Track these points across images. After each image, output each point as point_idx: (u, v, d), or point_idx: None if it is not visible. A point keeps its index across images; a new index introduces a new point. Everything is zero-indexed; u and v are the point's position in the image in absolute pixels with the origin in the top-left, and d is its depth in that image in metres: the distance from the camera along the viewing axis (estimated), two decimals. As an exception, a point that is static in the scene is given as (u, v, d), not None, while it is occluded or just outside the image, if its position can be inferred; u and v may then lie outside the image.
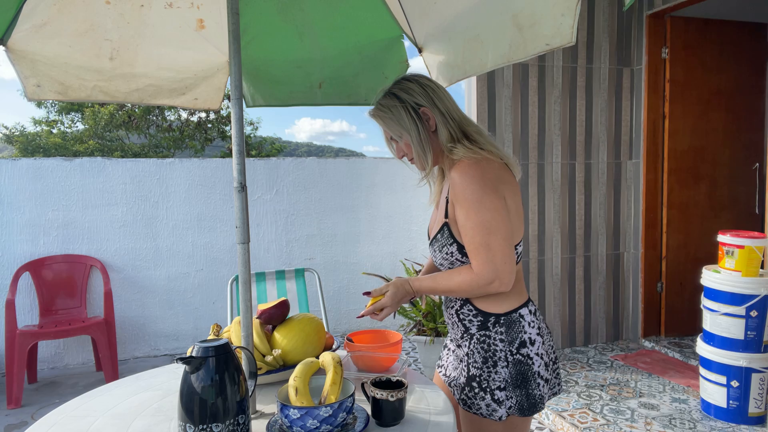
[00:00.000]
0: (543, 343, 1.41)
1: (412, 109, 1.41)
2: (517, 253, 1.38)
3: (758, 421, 2.79)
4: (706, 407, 2.93)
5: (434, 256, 1.45)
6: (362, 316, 1.45)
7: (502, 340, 1.37)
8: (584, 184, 4.08)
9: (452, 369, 1.50)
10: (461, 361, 1.43)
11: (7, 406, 3.35)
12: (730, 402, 2.80)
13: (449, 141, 1.41)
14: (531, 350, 1.38)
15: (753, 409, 2.77)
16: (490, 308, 1.39)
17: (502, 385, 1.36)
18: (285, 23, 1.95)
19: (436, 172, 1.54)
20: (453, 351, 1.52)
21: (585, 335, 4.16)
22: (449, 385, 1.49)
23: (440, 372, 1.59)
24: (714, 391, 2.86)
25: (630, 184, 4.19)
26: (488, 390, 1.36)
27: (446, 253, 1.40)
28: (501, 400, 1.35)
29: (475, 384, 1.37)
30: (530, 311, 1.42)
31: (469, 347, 1.40)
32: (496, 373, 1.36)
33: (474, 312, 1.40)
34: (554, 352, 1.47)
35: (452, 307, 1.46)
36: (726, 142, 4.15)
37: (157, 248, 4.25)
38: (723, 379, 2.80)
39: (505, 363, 1.36)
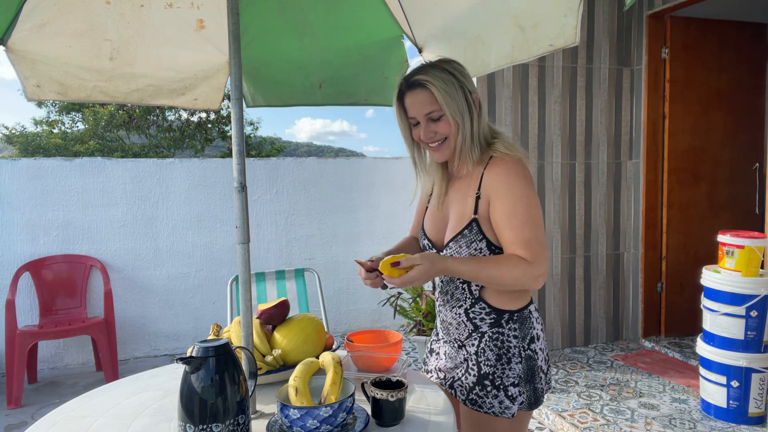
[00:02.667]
0: (543, 339, 1.45)
1: (469, 92, 1.36)
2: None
3: (758, 421, 2.78)
4: (706, 407, 2.93)
5: (456, 253, 1.39)
6: (385, 287, 1.35)
7: (515, 336, 1.38)
8: (584, 184, 4.08)
9: (451, 370, 1.47)
10: (466, 360, 1.41)
11: (7, 406, 3.35)
12: (730, 402, 2.80)
13: (489, 136, 1.39)
14: (537, 345, 1.41)
15: (753, 409, 2.77)
16: (505, 305, 1.39)
17: (516, 381, 1.36)
18: (285, 23, 1.95)
19: (439, 170, 1.48)
20: (447, 353, 1.49)
21: (585, 335, 4.16)
22: (449, 387, 1.47)
23: (430, 376, 1.56)
24: (714, 391, 2.86)
25: (630, 184, 4.19)
26: (502, 387, 1.36)
27: (474, 249, 1.36)
28: (514, 396, 1.36)
29: (487, 382, 1.36)
30: (535, 308, 1.46)
31: (479, 346, 1.39)
32: (510, 369, 1.36)
33: (487, 310, 1.39)
34: (547, 348, 1.53)
35: (460, 306, 1.43)
36: (726, 142, 4.15)
37: (157, 248, 4.25)
38: (723, 379, 2.80)
39: (519, 359, 1.37)
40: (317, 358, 1.30)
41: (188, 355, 1.09)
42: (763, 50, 4.19)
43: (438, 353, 1.55)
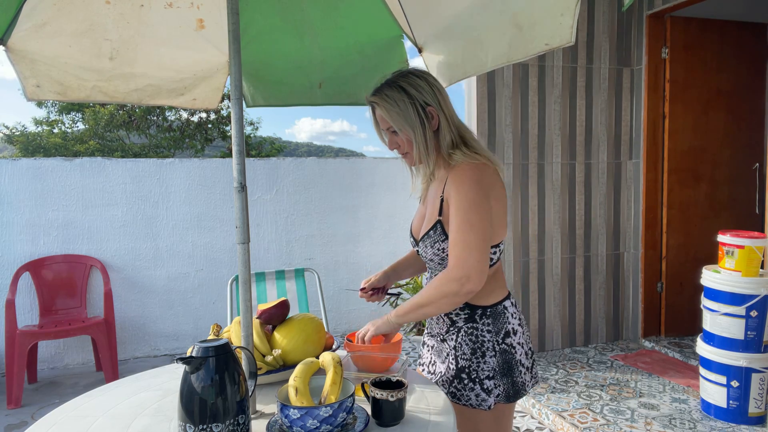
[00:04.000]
0: (523, 333, 1.51)
1: (420, 107, 1.43)
2: (499, 250, 1.47)
3: (758, 421, 2.78)
4: (706, 407, 2.93)
5: (424, 252, 1.50)
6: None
7: (489, 331, 1.45)
8: (584, 184, 4.08)
9: (437, 365, 1.53)
10: (447, 355, 1.48)
11: (7, 406, 3.35)
12: (730, 402, 2.80)
13: (450, 145, 1.45)
14: (514, 340, 1.47)
15: (753, 409, 2.77)
16: (477, 301, 1.45)
17: (491, 374, 1.43)
18: (285, 23, 1.95)
19: (423, 169, 1.55)
20: (433, 347, 1.56)
21: (585, 335, 4.16)
22: (435, 382, 1.52)
23: (422, 370, 1.62)
24: (714, 391, 2.86)
25: (630, 184, 4.19)
26: (477, 380, 1.43)
27: (438, 249, 1.44)
28: (490, 389, 1.43)
29: (464, 375, 1.43)
30: (512, 303, 1.51)
31: (456, 340, 1.46)
32: (484, 362, 1.43)
33: (461, 305, 1.46)
34: (530, 343, 1.55)
35: None
36: (726, 142, 4.15)
37: (157, 248, 4.25)
38: (723, 379, 2.80)
39: (493, 352, 1.44)
40: (317, 358, 1.30)
41: (188, 355, 1.09)
42: (763, 50, 4.19)
43: (429, 346, 1.62)
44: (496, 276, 1.50)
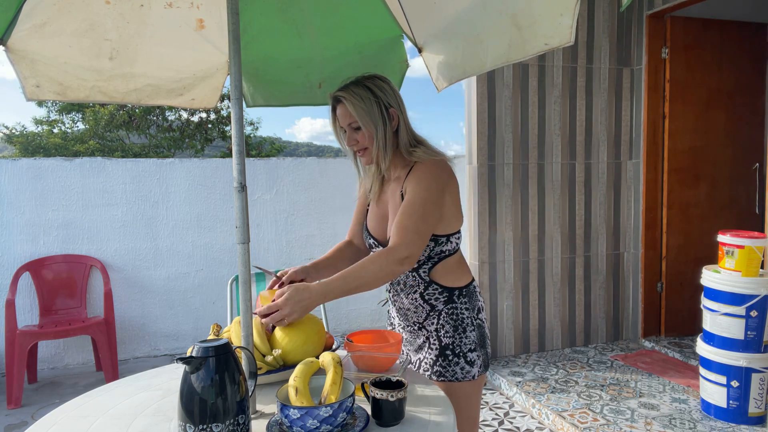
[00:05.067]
0: (485, 310, 1.69)
1: (384, 107, 1.54)
2: (458, 238, 1.61)
3: (758, 421, 2.78)
4: (706, 407, 2.93)
5: None
6: (256, 313, 1.44)
7: (467, 308, 1.59)
8: (584, 184, 4.08)
9: (415, 353, 1.63)
10: (427, 338, 1.59)
11: (7, 406, 3.35)
12: (730, 402, 2.80)
13: (408, 144, 1.59)
14: (483, 315, 1.65)
15: (753, 409, 2.77)
16: (454, 284, 1.59)
17: (472, 347, 1.57)
18: (285, 23, 1.95)
19: (373, 171, 1.65)
20: (407, 339, 1.66)
21: (585, 335, 4.16)
22: (416, 369, 1.62)
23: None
24: (714, 391, 2.86)
25: (630, 184, 4.18)
26: (461, 354, 1.56)
27: None
28: (473, 360, 1.57)
29: (449, 352, 1.56)
30: (477, 284, 1.71)
31: (437, 323, 1.58)
32: (466, 337, 1.57)
33: (440, 290, 1.58)
34: None
35: (415, 291, 1.59)
36: (726, 142, 4.15)
37: (157, 248, 4.25)
38: (723, 379, 2.80)
39: (472, 327, 1.59)
40: (317, 358, 1.30)
41: (188, 355, 1.09)
42: (763, 50, 4.19)
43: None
44: (461, 261, 1.65)
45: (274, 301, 1.41)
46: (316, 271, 1.73)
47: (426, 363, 1.59)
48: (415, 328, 1.63)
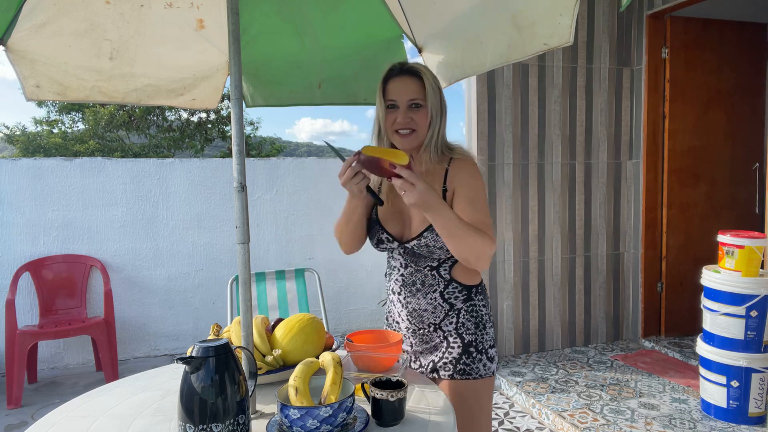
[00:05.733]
0: None
1: (443, 98, 1.55)
2: None
3: (758, 421, 2.78)
4: (706, 407, 2.93)
5: (431, 242, 1.49)
6: (368, 191, 1.42)
7: (484, 305, 1.59)
8: (584, 184, 4.08)
9: (429, 355, 1.58)
10: (445, 338, 1.55)
11: (7, 406, 3.35)
12: (730, 402, 2.80)
13: (445, 141, 1.57)
14: (490, 311, 1.65)
15: (753, 409, 2.77)
16: (471, 281, 1.57)
17: (492, 343, 1.59)
18: (285, 23, 1.95)
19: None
20: (416, 343, 1.60)
21: (585, 335, 4.16)
22: (430, 372, 1.57)
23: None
24: (714, 391, 2.86)
25: (630, 184, 4.18)
26: (483, 351, 1.55)
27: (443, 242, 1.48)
28: (493, 356, 1.58)
29: (472, 349, 1.54)
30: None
31: (457, 321, 1.55)
32: (486, 333, 1.57)
33: (459, 288, 1.55)
34: None
35: (434, 291, 1.55)
36: (726, 142, 4.15)
37: (157, 248, 4.25)
38: (723, 379, 2.80)
39: (490, 323, 1.60)
40: (317, 358, 1.30)
41: (188, 355, 1.09)
42: (763, 50, 4.19)
43: (405, 347, 1.65)
44: None
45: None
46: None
47: (445, 363, 1.55)
48: (430, 329, 1.58)
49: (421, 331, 1.59)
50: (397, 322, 1.67)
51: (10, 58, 1.66)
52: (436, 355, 1.57)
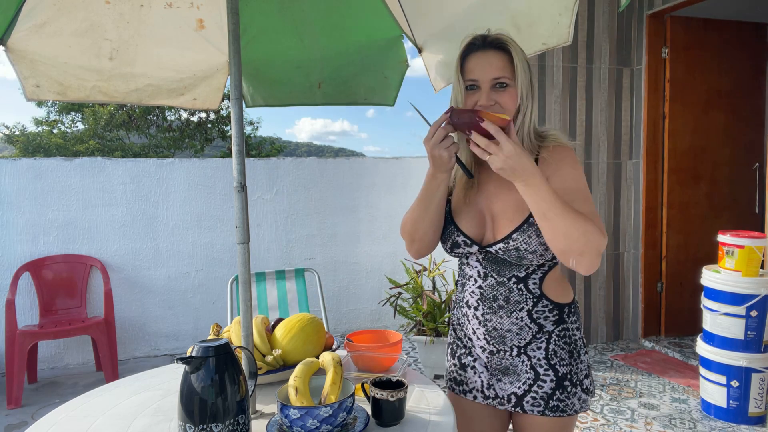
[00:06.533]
0: None
1: (533, 78, 1.28)
2: None
3: (758, 421, 2.78)
4: (706, 407, 2.93)
5: (523, 245, 1.23)
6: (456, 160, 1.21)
7: (577, 328, 1.35)
8: (584, 184, 4.08)
9: (509, 386, 1.33)
10: (532, 368, 1.30)
11: (7, 406, 3.35)
12: (730, 402, 2.80)
13: (537, 127, 1.31)
14: (583, 333, 1.40)
15: (753, 409, 2.77)
16: (563, 299, 1.32)
17: (587, 372, 1.35)
18: (285, 23, 1.95)
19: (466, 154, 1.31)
20: (497, 365, 1.33)
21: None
22: (513, 407, 1.33)
23: (470, 397, 1.40)
24: (714, 391, 2.86)
25: (630, 184, 4.18)
26: (578, 383, 1.31)
27: (542, 241, 1.23)
28: (589, 388, 1.34)
29: (567, 383, 1.30)
30: None
31: (548, 349, 1.30)
32: (581, 362, 1.33)
33: (550, 307, 1.29)
34: None
35: (521, 309, 1.28)
36: (726, 142, 4.15)
37: (157, 248, 4.25)
38: (723, 379, 2.80)
39: (585, 349, 1.36)
40: (317, 358, 1.30)
41: (188, 355, 1.09)
42: (763, 50, 4.19)
43: (476, 367, 1.38)
44: (563, 271, 1.43)
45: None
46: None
47: (534, 398, 1.30)
48: (512, 353, 1.31)
49: (501, 353, 1.32)
50: (470, 339, 1.37)
51: (10, 58, 1.66)
52: (519, 387, 1.32)
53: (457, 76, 1.27)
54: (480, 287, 1.32)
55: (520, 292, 1.28)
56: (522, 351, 1.31)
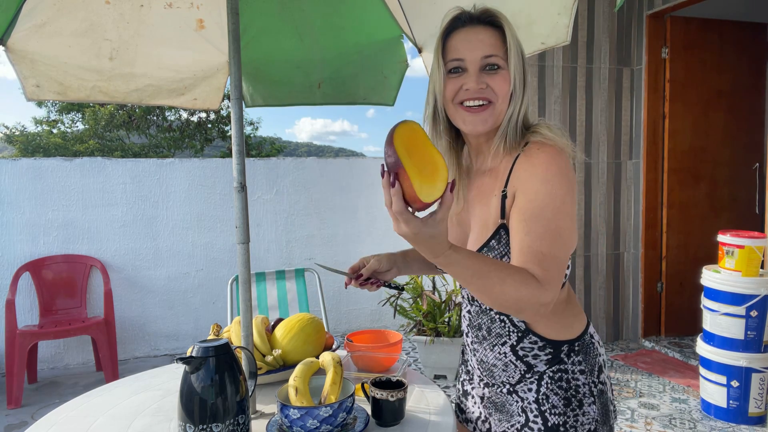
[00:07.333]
0: (607, 365, 1.22)
1: (525, 63, 1.09)
2: (570, 262, 1.08)
3: (758, 421, 2.78)
4: (706, 407, 2.93)
5: None
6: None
7: (582, 371, 1.08)
8: (584, 184, 4.08)
9: (500, 423, 1.16)
10: (523, 411, 1.11)
11: (7, 406, 3.35)
12: (730, 402, 2.80)
13: (527, 118, 1.09)
14: (604, 374, 1.12)
15: (753, 409, 2.77)
16: (560, 335, 1.08)
17: (592, 427, 1.07)
18: (285, 23, 1.95)
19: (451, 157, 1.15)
20: (490, 398, 1.18)
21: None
22: None
23: (471, 427, 1.27)
24: (714, 391, 2.86)
25: (630, 184, 4.18)
26: None
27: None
28: None
29: None
30: (594, 332, 1.16)
31: (538, 392, 1.09)
32: (583, 414, 1.07)
33: (540, 344, 1.08)
34: None
35: (504, 343, 1.11)
36: (726, 142, 4.15)
37: (157, 248, 4.25)
38: (723, 379, 2.80)
39: (592, 398, 1.08)
40: (317, 358, 1.30)
41: (188, 355, 1.09)
42: (763, 50, 4.19)
43: (479, 397, 1.23)
44: (570, 297, 1.12)
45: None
46: (405, 262, 1.34)
47: None
48: (503, 390, 1.14)
49: (495, 387, 1.16)
50: (472, 365, 1.23)
51: (10, 58, 1.66)
52: (509, 428, 1.13)
53: (437, 58, 1.06)
54: (469, 312, 1.18)
55: (503, 324, 1.10)
56: (513, 389, 1.13)
